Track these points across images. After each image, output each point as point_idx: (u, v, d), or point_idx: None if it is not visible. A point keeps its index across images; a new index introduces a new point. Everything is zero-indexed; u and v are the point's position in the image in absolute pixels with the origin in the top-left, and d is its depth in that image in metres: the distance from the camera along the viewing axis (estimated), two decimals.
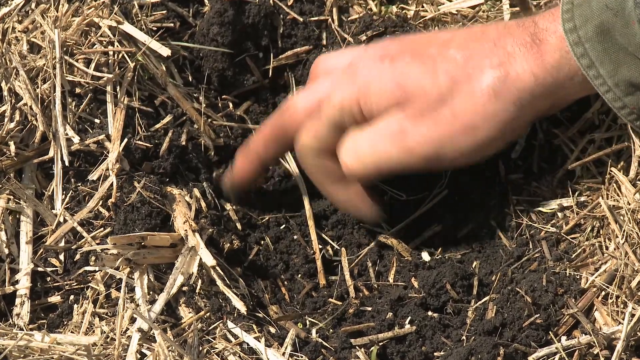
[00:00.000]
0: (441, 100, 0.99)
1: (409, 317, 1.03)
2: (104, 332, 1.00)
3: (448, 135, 0.98)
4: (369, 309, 1.07)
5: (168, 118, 1.19)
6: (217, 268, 1.04)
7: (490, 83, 0.97)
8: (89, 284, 1.05)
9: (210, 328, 1.01)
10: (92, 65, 1.15)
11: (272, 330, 1.03)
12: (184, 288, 1.03)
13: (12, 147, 1.10)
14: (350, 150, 1.04)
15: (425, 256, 1.12)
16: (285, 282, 1.15)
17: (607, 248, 1.04)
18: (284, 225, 1.19)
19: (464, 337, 1.00)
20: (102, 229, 1.08)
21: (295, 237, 1.16)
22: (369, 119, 1.02)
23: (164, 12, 1.24)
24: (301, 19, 1.28)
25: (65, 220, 1.09)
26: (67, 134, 1.12)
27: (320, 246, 1.16)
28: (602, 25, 0.92)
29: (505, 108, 0.97)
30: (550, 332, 0.98)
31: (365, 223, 1.12)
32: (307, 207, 1.16)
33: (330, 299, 1.11)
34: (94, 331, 1.01)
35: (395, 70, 1.01)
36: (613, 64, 0.93)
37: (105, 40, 1.17)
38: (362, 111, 1.03)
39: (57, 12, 1.17)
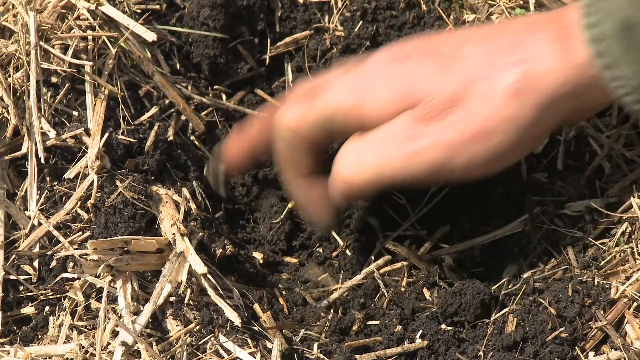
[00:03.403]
0: (453, 102, 0.97)
1: (420, 331, 1.03)
2: (83, 347, 1.00)
3: (460, 140, 0.96)
4: (377, 322, 1.07)
5: (154, 110, 1.19)
6: (209, 276, 1.04)
7: (509, 83, 0.95)
8: (67, 294, 1.04)
9: (201, 342, 1.01)
10: (70, 51, 1.15)
11: (269, 344, 1.03)
12: (172, 298, 1.03)
13: None
14: (348, 157, 1.02)
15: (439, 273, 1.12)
16: (284, 292, 1.15)
17: (639, 254, 1.04)
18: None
19: (480, 353, 1.00)
20: (80, 232, 1.08)
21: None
22: (370, 127, 1.01)
23: None
24: (301, 1, 1.28)
25: (39, 224, 1.08)
26: (42, 128, 1.11)
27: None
28: (626, 20, 0.91)
29: (526, 111, 0.95)
30: (576, 348, 0.98)
31: (315, 227, 1.13)
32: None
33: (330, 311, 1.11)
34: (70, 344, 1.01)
35: (403, 71, 0.99)
36: (637, 64, 0.92)
37: (84, 24, 1.17)
38: (361, 118, 1.02)
39: None
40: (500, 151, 0.97)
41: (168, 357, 0.99)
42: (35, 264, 1.07)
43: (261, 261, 1.16)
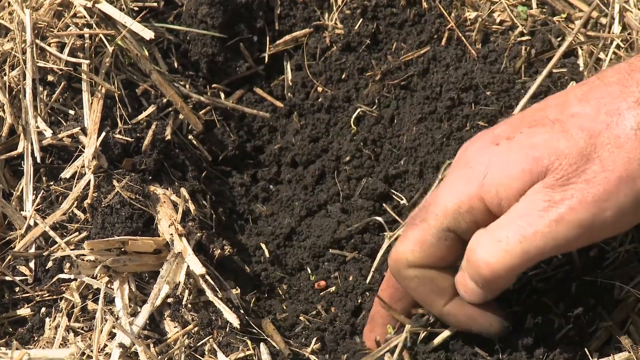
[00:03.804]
0: (584, 158, 0.93)
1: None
2: (80, 349, 0.99)
3: (607, 192, 0.92)
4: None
5: (151, 109, 1.19)
6: (207, 277, 1.03)
7: (635, 123, 0.93)
8: (63, 295, 1.04)
9: (199, 344, 1.00)
10: (66, 49, 1.14)
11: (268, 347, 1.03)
12: (170, 299, 1.02)
13: None
14: (485, 246, 0.95)
15: None
16: (285, 295, 1.15)
17: None
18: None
19: (497, 347, 1.00)
20: (77, 233, 1.07)
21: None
22: (498, 213, 0.96)
23: None
24: None
25: (36, 224, 1.08)
26: (38, 127, 1.11)
27: None
28: None
29: None
30: (584, 348, 0.98)
31: (488, 336, 1.02)
32: None
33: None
34: (68, 347, 1.00)
35: (518, 146, 0.95)
36: None
37: (80, 22, 1.17)
38: (486, 209, 0.96)
39: None
40: None
41: (166, 359, 0.98)
42: (32, 264, 1.07)
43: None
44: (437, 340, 1.01)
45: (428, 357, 1.00)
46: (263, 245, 1.20)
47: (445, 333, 1.01)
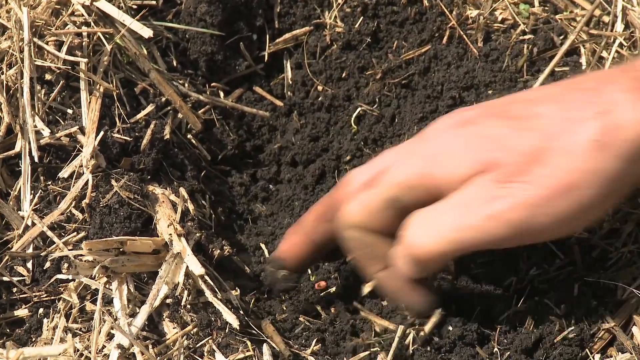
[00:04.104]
0: (534, 160, 0.93)
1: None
2: (78, 350, 0.99)
3: (545, 197, 0.92)
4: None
5: (150, 108, 1.19)
6: (206, 277, 1.03)
7: (592, 135, 0.91)
8: (61, 296, 1.04)
9: (198, 345, 1.00)
10: (64, 48, 1.14)
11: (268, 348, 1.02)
12: (169, 300, 1.02)
13: None
14: (420, 226, 0.97)
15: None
16: (285, 296, 1.15)
17: None
18: None
19: (495, 350, 1.00)
20: (75, 233, 1.07)
21: None
22: (440, 196, 0.97)
23: None
24: None
25: (33, 224, 1.08)
26: (36, 126, 1.10)
27: None
28: None
29: (611, 163, 0.91)
30: (585, 349, 0.98)
31: (413, 313, 1.04)
32: None
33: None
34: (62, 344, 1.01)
35: (474, 135, 0.96)
36: None
37: (78, 20, 1.16)
38: (431, 188, 0.98)
39: None
40: (585, 206, 0.93)
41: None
42: (29, 265, 1.07)
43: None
44: (428, 328, 1.01)
45: (424, 356, 1.00)
46: (263, 246, 1.20)
47: (432, 321, 1.01)
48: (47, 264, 1.06)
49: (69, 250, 1.05)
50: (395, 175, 0.99)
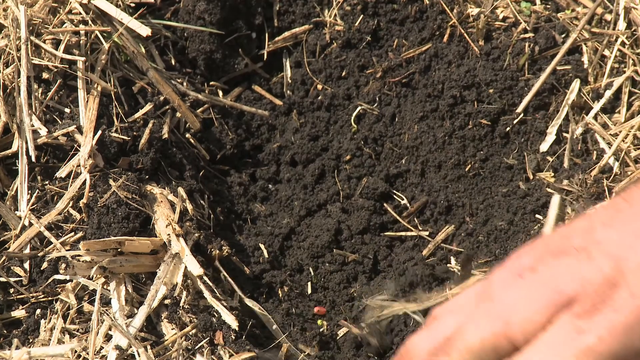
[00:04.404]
0: (612, 285, 0.93)
1: None
2: (75, 351, 0.99)
3: (634, 319, 0.90)
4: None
5: (148, 107, 1.18)
6: (205, 278, 1.03)
7: None
8: (58, 296, 1.04)
9: (197, 347, 1.00)
10: (62, 46, 1.14)
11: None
12: (167, 301, 1.02)
13: None
14: None
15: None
16: (285, 297, 1.15)
17: None
18: None
19: None
20: (72, 233, 1.07)
21: None
22: (524, 346, 0.93)
23: None
24: None
25: (30, 224, 1.08)
26: (33, 125, 1.10)
27: None
28: None
29: None
30: None
31: None
32: None
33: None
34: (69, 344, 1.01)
35: (542, 278, 0.93)
36: None
37: (76, 19, 1.16)
38: (508, 347, 0.98)
39: None
40: None
41: None
42: (26, 265, 1.07)
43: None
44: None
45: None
46: (262, 246, 1.19)
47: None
48: (45, 265, 1.06)
49: (67, 250, 1.05)
50: (469, 341, 0.96)
